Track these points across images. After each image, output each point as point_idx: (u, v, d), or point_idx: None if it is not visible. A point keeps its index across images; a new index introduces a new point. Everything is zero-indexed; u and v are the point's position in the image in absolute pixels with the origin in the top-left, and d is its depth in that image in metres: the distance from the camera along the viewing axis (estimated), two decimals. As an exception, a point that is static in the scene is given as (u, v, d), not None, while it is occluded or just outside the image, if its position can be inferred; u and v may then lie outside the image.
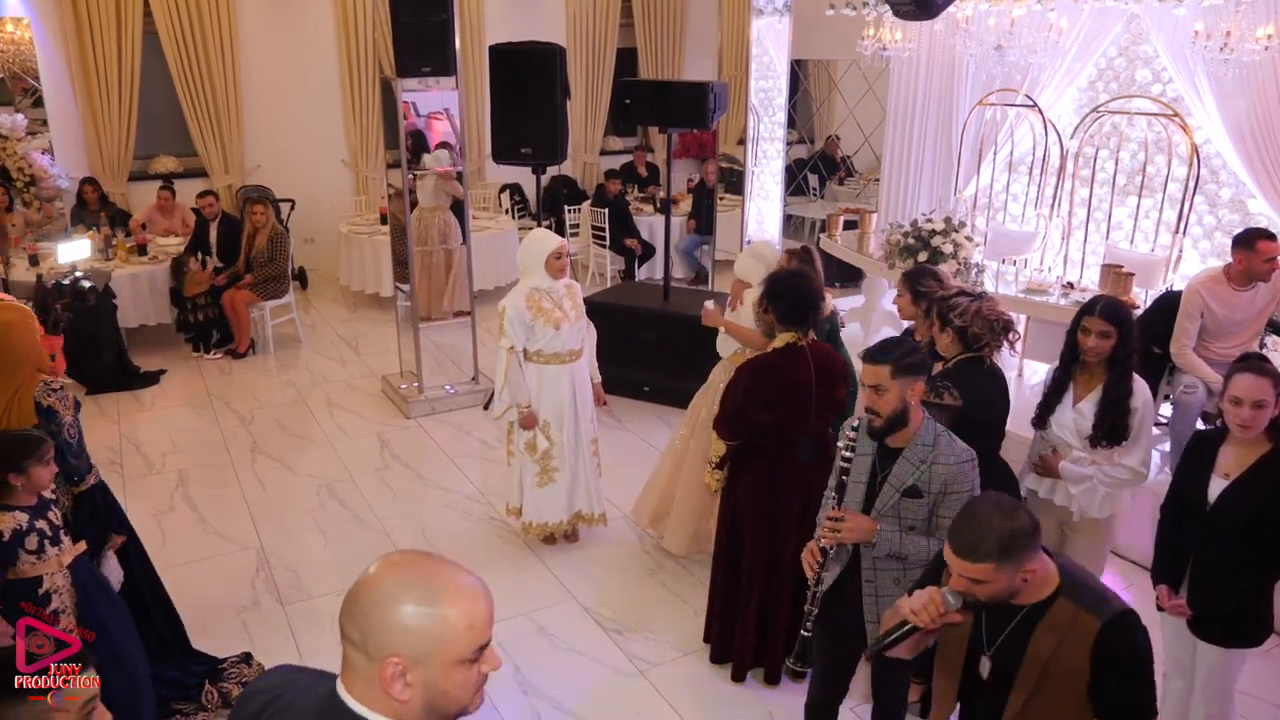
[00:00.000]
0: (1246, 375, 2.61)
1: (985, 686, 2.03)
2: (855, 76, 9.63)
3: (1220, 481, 2.71)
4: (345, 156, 10.00)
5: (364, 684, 1.28)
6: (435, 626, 1.24)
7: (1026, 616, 1.94)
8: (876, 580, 2.65)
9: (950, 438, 2.59)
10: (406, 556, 1.33)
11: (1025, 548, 1.85)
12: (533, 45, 5.85)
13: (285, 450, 5.79)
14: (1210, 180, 5.85)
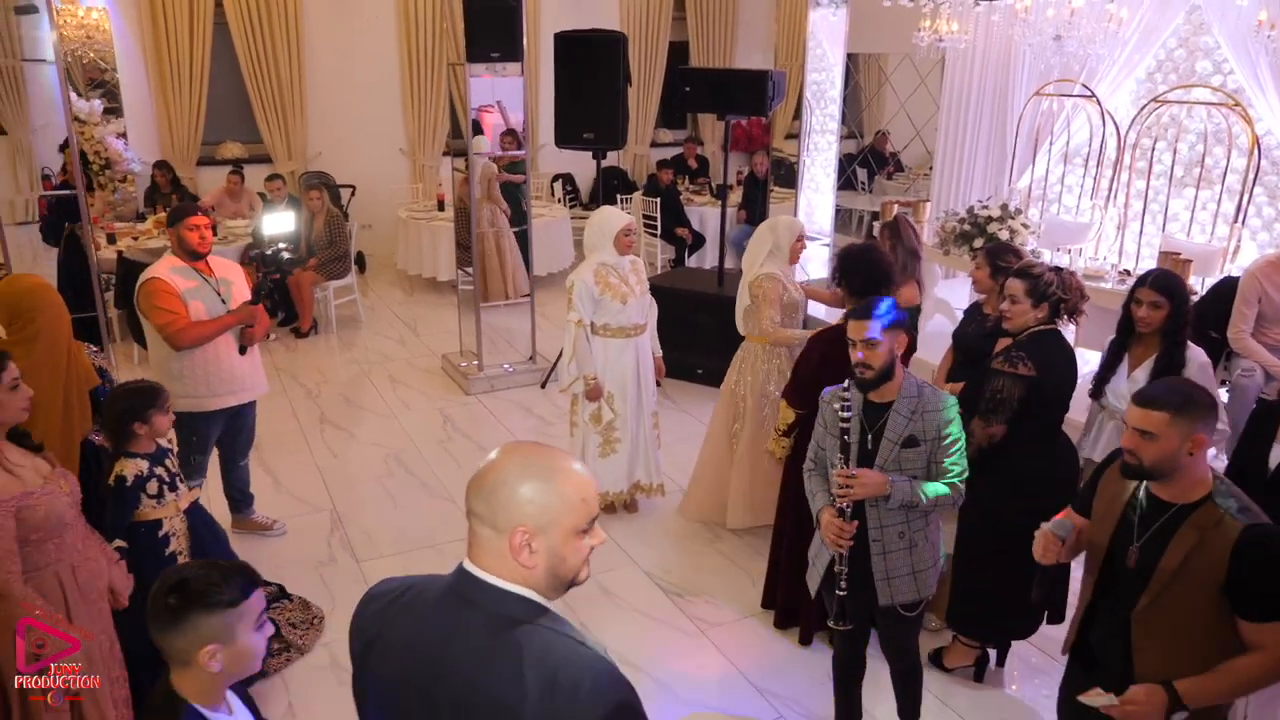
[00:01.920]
0: None
1: (1127, 578, 2.19)
2: (906, 70, 9.68)
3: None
4: (403, 145, 10.25)
5: (492, 556, 1.41)
6: (555, 499, 1.39)
7: (1176, 514, 2.11)
8: (883, 537, 2.77)
9: (931, 388, 2.74)
10: (523, 444, 1.48)
11: (1200, 415, 2.07)
12: (597, 33, 6.02)
13: (352, 421, 6.01)
14: (1271, 171, 5.87)
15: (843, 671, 3.11)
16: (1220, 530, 2.05)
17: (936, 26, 6.83)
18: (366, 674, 1.53)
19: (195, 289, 3.94)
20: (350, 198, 9.56)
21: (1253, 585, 2.02)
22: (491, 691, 1.34)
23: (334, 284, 7.72)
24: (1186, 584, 2.08)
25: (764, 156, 9.17)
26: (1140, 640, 2.15)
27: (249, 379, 4.20)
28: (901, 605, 2.82)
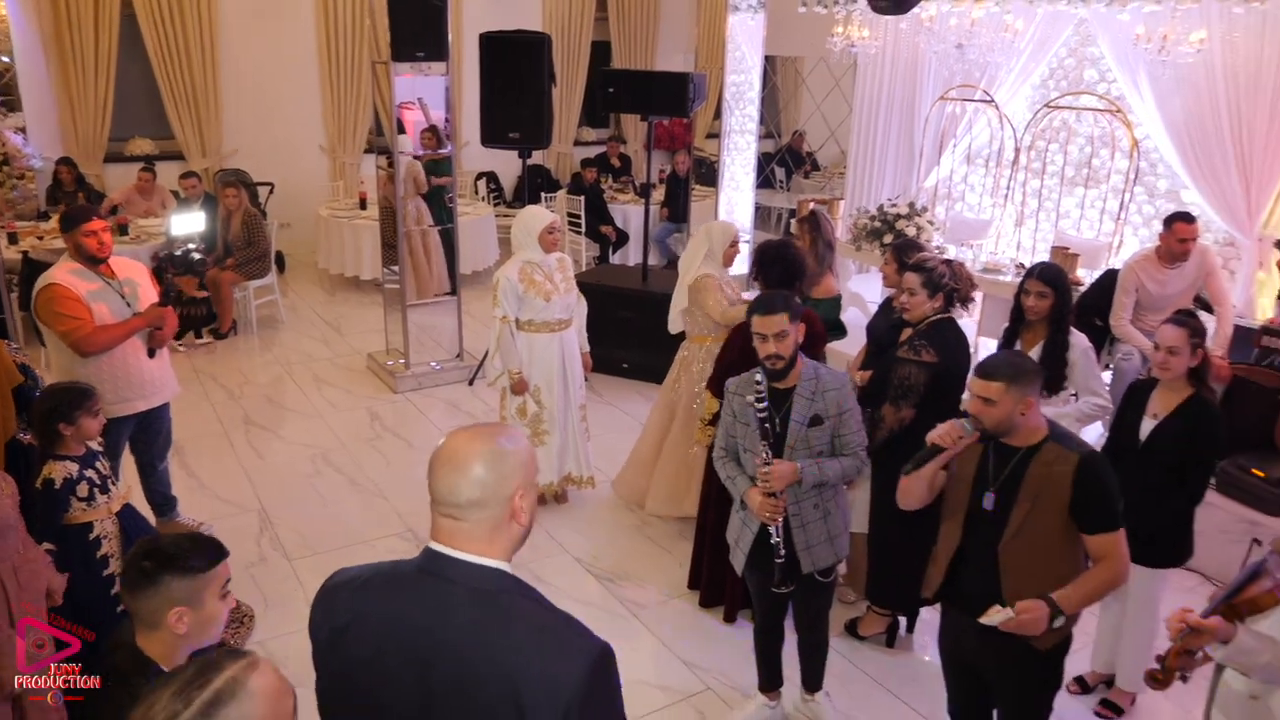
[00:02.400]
0: (1168, 325, 3.09)
1: (987, 518, 2.51)
2: (821, 73, 10.01)
3: (1150, 421, 3.15)
4: (323, 142, 10.15)
5: (464, 537, 1.52)
6: (529, 455, 1.57)
7: (1023, 456, 2.48)
8: (801, 512, 3.01)
9: (827, 369, 3.02)
10: (465, 430, 1.58)
11: (1029, 382, 2.43)
12: (521, 34, 6.12)
13: (277, 422, 6.00)
14: (1149, 172, 6.31)
15: (764, 641, 3.32)
16: (1061, 461, 2.41)
17: (849, 32, 7.11)
18: (339, 659, 1.56)
19: (98, 291, 3.81)
20: (268, 196, 9.44)
21: (1091, 502, 2.39)
22: (489, 659, 1.43)
23: (254, 284, 7.63)
24: (1040, 513, 2.42)
25: (686, 155, 9.38)
26: (1007, 570, 2.47)
27: (159, 382, 4.11)
28: (820, 571, 3.05)
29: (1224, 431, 3.11)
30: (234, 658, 1.28)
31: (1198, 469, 3.08)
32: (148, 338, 3.96)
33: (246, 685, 1.25)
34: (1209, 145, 5.86)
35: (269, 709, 1.26)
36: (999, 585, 2.48)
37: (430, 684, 1.47)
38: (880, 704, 3.57)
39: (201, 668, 1.26)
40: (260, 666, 1.29)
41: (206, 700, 1.21)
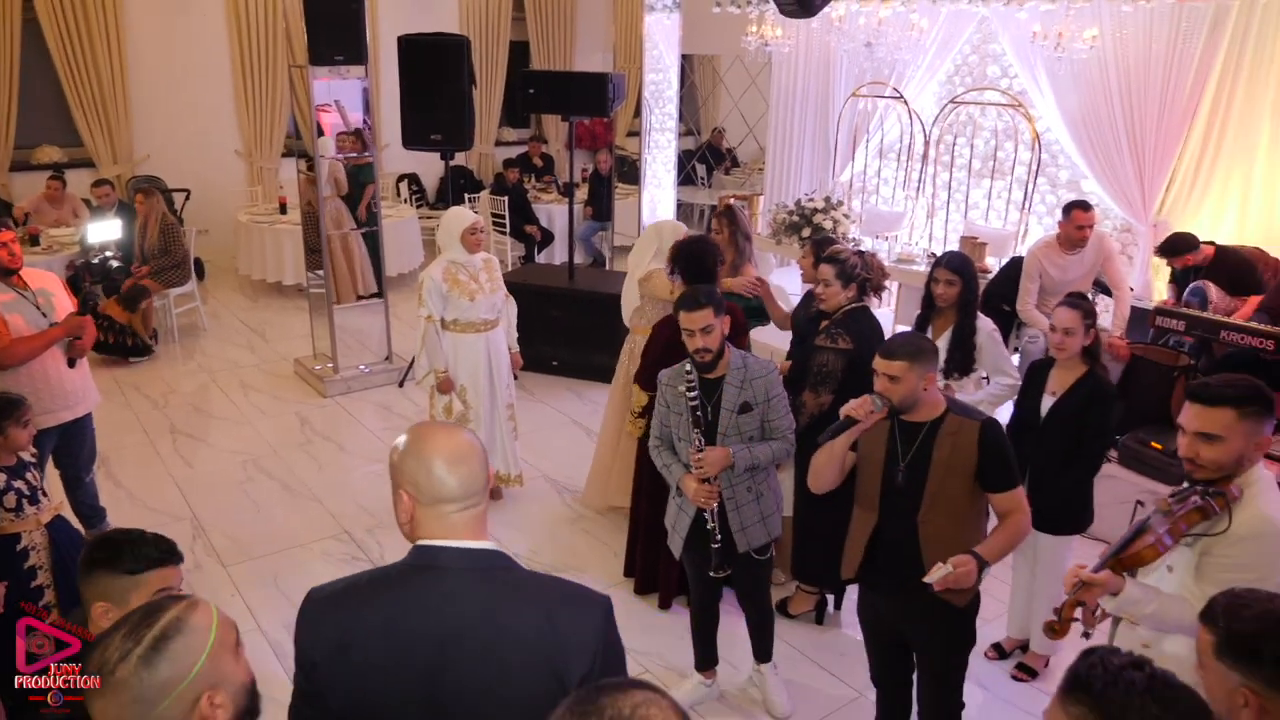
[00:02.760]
0: (1063, 308, 3.31)
1: (899, 496, 2.66)
2: (738, 71, 10.22)
3: (1049, 399, 3.37)
4: (239, 146, 9.97)
5: (448, 526, 1.57)
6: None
7: (928, 431, 2.64)
8: (735, 495, 3.16)
9: (754, 358, 3.15)
10: (436, 427, 1.68)
11: (927, 360, 2.61)
12: (440, 36, 6.14)
13: (205, 429, 5.91)
14: (1051, 164, 6.65)
15: (701, 621, 3.45)
16: (965, 430, 2.60)
17: (763, 32, 7.30)
18: (351, 675, 1.54)
19: (12, 303, 3.80)
20: (184, 202, 9.23)
21: (996, 464, 2.59)
22: (511, 634, 1.50)
23: (173, 292, 7.47)
24: (951, 480, 2.60)
25: (607, 154, 9.49)
26: (926, 540, 2.63)
27: (80, 392, 4.09)
28: (755, 550, 3.20)
29: (1116, 405, 3.35)
30: (175, 600, 1.37)
31: (1094, 441, 3.30)
32: (67, 347, 3.91)
33: (189, 621, 1.33)
34: (1104, 137, 6.21)
35: (218, 635, 1.35)
36: (919, 556, 2.64)
37: (455, 675, 1.51)
38: (812, 677, 3.73)
39: (147, 610, 1.34)
40: (200, 606, 1.37)
41: (155, 636, 1.29)
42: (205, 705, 1.32)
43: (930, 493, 2.64)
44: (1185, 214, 5.99)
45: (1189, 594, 2.11)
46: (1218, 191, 5.93)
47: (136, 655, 1.28)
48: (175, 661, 1.30)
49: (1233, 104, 5.76)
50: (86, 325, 3.93)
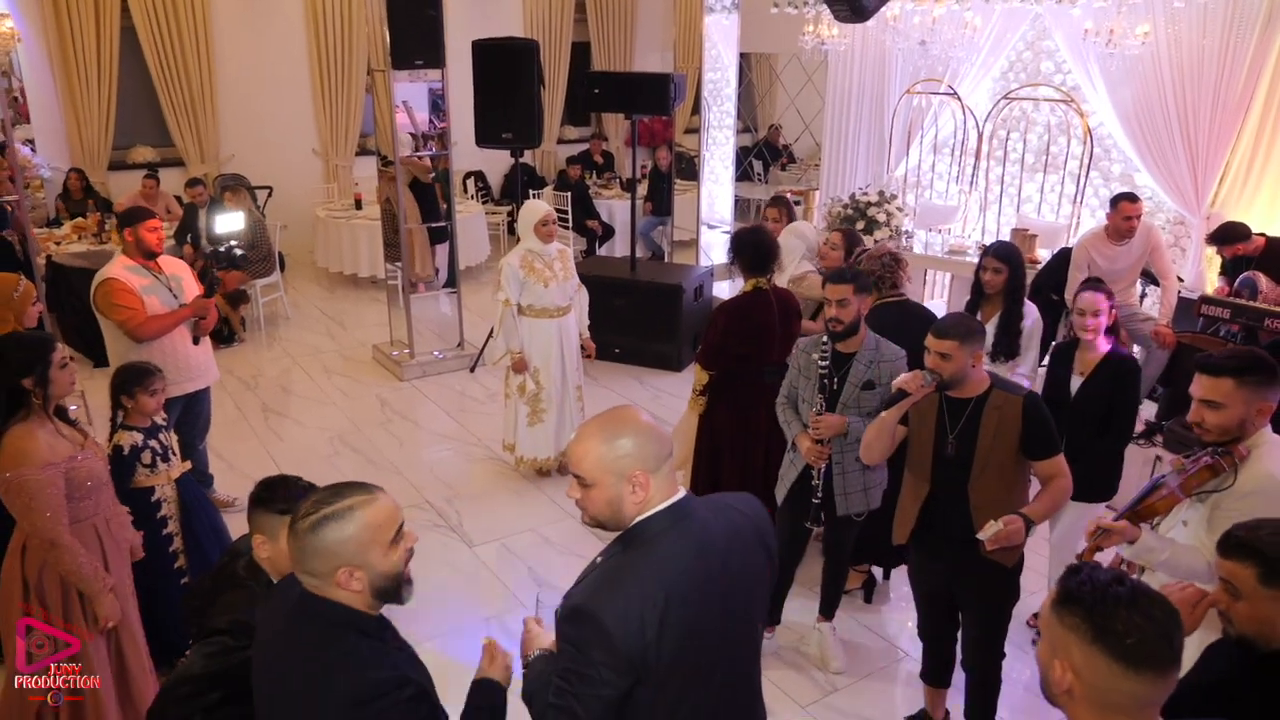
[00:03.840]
0: (1086, 291, 3.51)
1: (950, 465, 2.91)
2: (795, 69, 10.43)
3: (1078, 378, 3.56)
4: (316, 146, 10.49)
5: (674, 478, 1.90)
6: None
7: (975, 405, 2.89)
8: (844, 461, 3.44)
9: (886, 342, 3.40)
10: (602, 421, 1.85)
11: (976, 340, 2.86)
12: (511, 40, 6.51)
13: (293, 408, 6.37)
14: (1104, 157, 6.77)
15: (782, 572, 3.73)
16: (1009, 404, 2.84)
17: (819, 31, 7.51)
18: (673, 635, 1.76)
19: (149, 286, 4.28)
20: (267, 198, 9.77)
21: (1039, 433, 2.83)
22: (741, 531, 1.93)
23: (260, 283, 7.98)
24: (999, 450, 2.85)
25: (667, 151, 9.77)
26: (976, 504, 2.87)
27: (203, 367, 4.56)
28: (854, 514, 3.51)
29: (1140, 380, 3.55)
30: (361, 490, 1.72)
31: (1122, 415, 3.50)
32: (193, 326, 4.37)
33: (355, 514, 1.68)
34: (1158, 131, 6.32)
35: (367, 536, 1.68)
36: (969, 519, 2.88)
37: (731, 582, 1.86)
38: (862, 637, 4.00)
39: (336, 490, 1.71)
40: (374, 504, 1.71)
41: (326, 515, 1.66)
42: (343, 575, 1.67)
43: (979, 461, 2.88)
44: (1239, 207, 6.07)
45: (1200, 544, 2.34)
46: (1271, 184, 6.01)
47: (311, 519, 1.67)
48: (330, 538, 1.66)
49: (1286, 98, 5.84)
50: (210, 308, 4.39)
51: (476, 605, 4.22)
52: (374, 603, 1.75)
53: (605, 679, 1.69)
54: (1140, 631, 1.33)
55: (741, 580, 1.87)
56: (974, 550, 2.83)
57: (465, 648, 3.56)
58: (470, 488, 5.29)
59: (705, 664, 1.81)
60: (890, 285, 3.99)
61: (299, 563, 1.71)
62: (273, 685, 1.79)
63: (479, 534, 4.80)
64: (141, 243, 4.27)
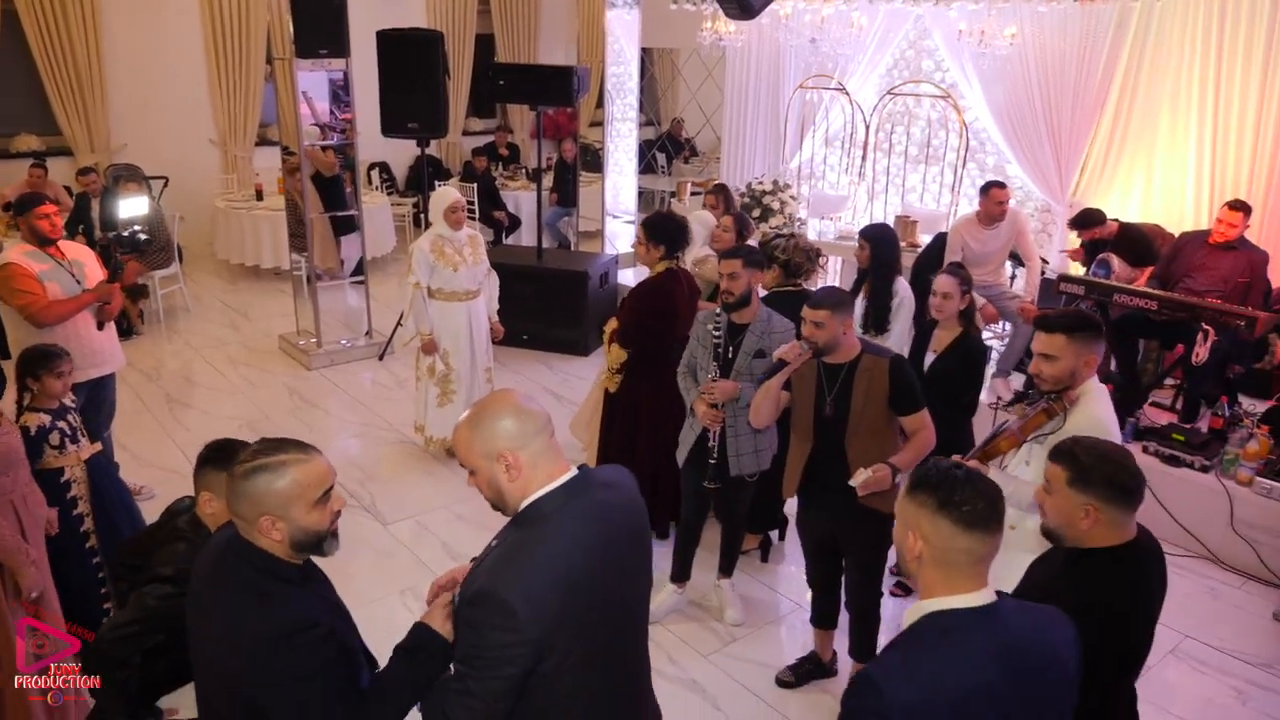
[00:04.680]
0: (943, 275, 3.83)
1: (829, 424, 3.21)
2: (696, 64, 10.73)
3: (931, 355, 3.88)
4: (213, 135, 10.29)
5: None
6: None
7: (848, 369, 3.19)
8: (737, 425, 3.71)
9: (779, 316, 3.70)
10: (477, 407, 1.92)
11: (846, 309, 3.16)
12: (417, 31, 6.59)
13: (199, 399, 6.33)
14: (979, 150, 7.27)
15: (684, 539, 4.02)
16: (878, 367, 3.15)
17: (717, 27, 7.82)
18: (573, 618, 1.80)
19: (49, 271, 4.21)
20: (163, 189, 9.55)
21: (905, 391, 3.15)
22: (637, 500, 2.04)
23: (158, 274, 7.84)
24: (870, 408, 3.16)
25: (572, 143, 9.95)
26: (853, 458, 3.17)
27: (108, 353, 4.52)
28: (746, 475, 3.78)
29: (985, 361, 3.92)
30: (298, 448, 1.85)
31: (968, 390, 3.84)
32: (97, 312, 4.34)
33: (287, 470, 1.81)
34: (1026, 126, 6.84)
35: (294, 491, 1.80)
36: (848, 471, 3.16)
37: (623, 554, 1.94)
38: (759, 592, 4.30)
39: (276, 444, 1.86)
40: (307, 463, 1.83)
41: (260, 465, 1.80)
42: (265, 523, 1.80)
43: (854, 419, 3.19)
44: (1096, 195, 6.63)
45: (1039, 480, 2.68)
46: (1124, 175, 6.59)
47: (248, 466, 1.81)
48: (260, 486, 1.79)
49: (1136, 96, 6.42)
50: (115, 293, 4.36)
51: (393, 579, 4.35)
52: (293, 553, 1.86)
53: (508, 658, 1.71)
54: (973, 501, 1.63)
55: (634, 552, 1.95)
56: (854, 500, 3.13)
57: (382, 619, 3.71)
58: (382, 470, 5.40)
59: (607, 637, 1.86)
60: (805, 275, 4.27)
61: (231, 504, 1.85)
62: (200, 627, 1.91)
63: (392, 513, 4.92)
64: (35, 230, 4.20)
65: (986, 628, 1.63)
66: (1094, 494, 2.01)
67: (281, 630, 1.76)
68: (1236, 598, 4.41)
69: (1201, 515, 4.63)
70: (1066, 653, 1.72)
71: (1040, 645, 1.68)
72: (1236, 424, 4.92)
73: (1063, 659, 1.70)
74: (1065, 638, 1.73)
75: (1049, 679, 1.68)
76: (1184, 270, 5.29)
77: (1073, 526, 2.05)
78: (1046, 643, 1.70)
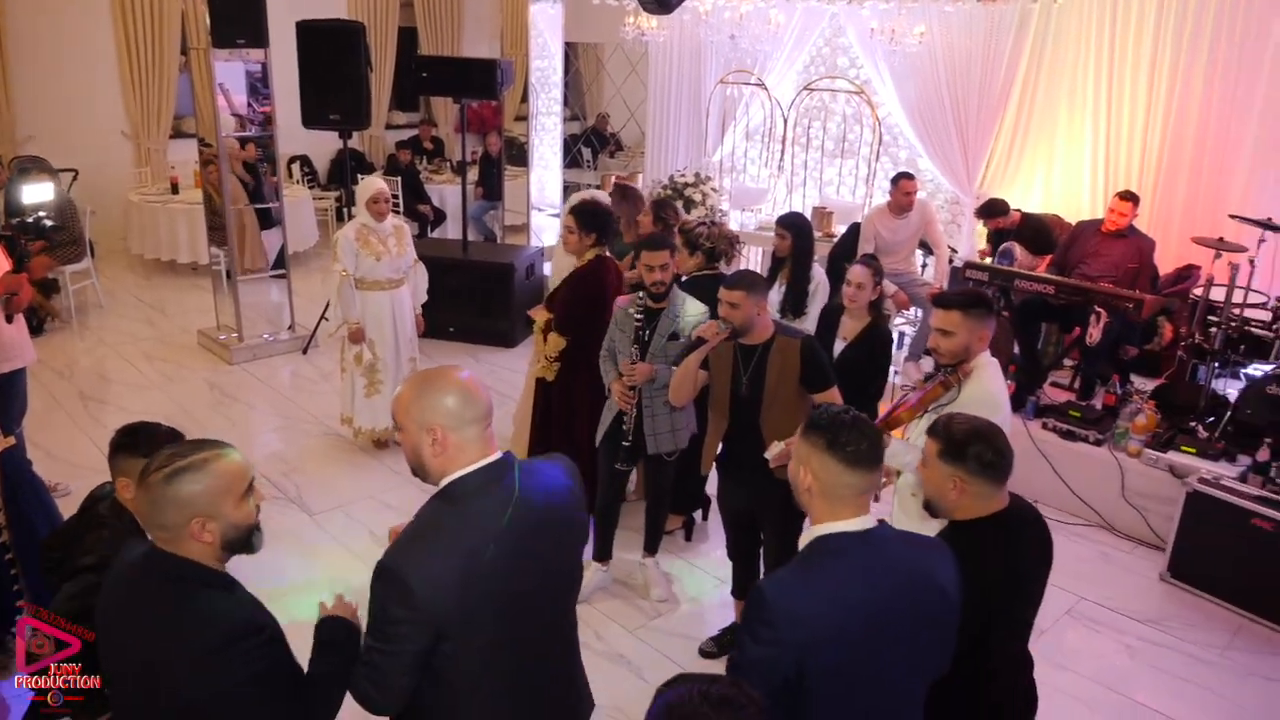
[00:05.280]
0: (857, 265, 3.97)
1: (744, 402, 3.34)
2: (620, 59, 10.84)
3: (841, 343, 4.02)
4: (125, 128, 10.01)
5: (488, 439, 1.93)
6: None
7: (762, 350, 3.31)
8: (653, 405, 3.84)
9: (692, 299, 3.84)
10: (423, 374, 1.94)
11: (760, 291, 3.29)
12: (337, 22, 6.55)
13: (115, 396, 6.20)
14: (892, 144, 7.54)
15: (604, 519, 4.11)
16: (790, 347, 3.30)
17: (639, 23, 7.94)
18: (478, 600, 1.80)
19: None
20: (72, 183, 9.26)
21: (816, 369, 3.30)
22: (568, 490, 2.03)
23: (69, 269, 7.62)
24: (783, 386, 3.30)
25: (496, 137, 9.97)
26: (768, 434, 3.29)
27: (17, 346, 4.36)
28: (664, 454, 3.90)
29: (891, 350, 4.07)
30: (214, 446, 1.84)
31: (876, 376, 3.98)
32: (4, 304, 4.21)
33: (209, 466, 1.80)
34: (935, 121, 7.12)
35: (222, 486, 1.81)
36: (762, 445, 3.32)
37: (544, 533, 1.92)
38: (683, 570, 4.43)
39: (195, 445, 1.84)
40: (226, 459, 1.83)
41: (181, 466, 1.77)
42: (195, 526, 1.77)
43: (768, 397, 3.34)
44: (1001, 187, 6.96)
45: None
46: (1027, 167, 6.92)
47: (166, 471, 1.76)
48: (185, 489, 1.75)
49: (1036, 94, 6.75)
50: (23, 284, 4.23)
51: (320, 568, 4.36)
52: (223, 555, 1.84)
53: (406, 635, 1.74)
54: (858, 443, 1.84)
55: (558, 541, 1.94)
56: (769, 473, 3.27)
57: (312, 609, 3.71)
58: (308, 462, 5.39)
59: (517, 626, 1.87)
60: (727, 259, 4.41)
61: (150, 517, 1.80)
62: (121, 649, 1.84)
63: (318, 504, 4.92)
64: None
65: (867, 549, 1.83)
66: (961, 467, 2.16)
67: (228, 638, 1.75)
68: (1127, 561, 4.71)
69: (1096, 486, 4.93)
70: (945, 579, 1.89)
71: (918, 569, 1.87)
72: (1127, 400, 5.24)
73: (940, 584, 1.88)
74: (944, 566, 1.92)
75: (926, 599, 1.86)
76: (1079, 257, 5.61)
77: (944, 497, 2.21)
78: (925, 568, 1.88)
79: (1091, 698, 3.70)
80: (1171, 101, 6.12)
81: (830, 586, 1.79)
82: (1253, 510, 4.20)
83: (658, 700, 1.32)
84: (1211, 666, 3.95)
